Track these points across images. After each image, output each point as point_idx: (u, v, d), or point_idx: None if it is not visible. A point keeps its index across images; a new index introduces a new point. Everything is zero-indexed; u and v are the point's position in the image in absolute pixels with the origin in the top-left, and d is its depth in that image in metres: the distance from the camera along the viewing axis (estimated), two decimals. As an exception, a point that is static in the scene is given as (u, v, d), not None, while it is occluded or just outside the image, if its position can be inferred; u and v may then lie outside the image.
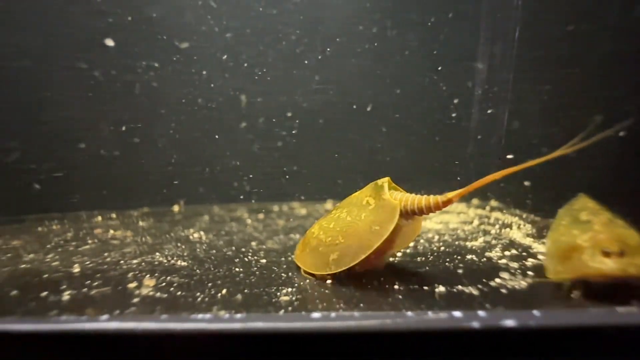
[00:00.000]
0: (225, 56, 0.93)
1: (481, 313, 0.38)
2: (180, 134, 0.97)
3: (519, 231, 0.68)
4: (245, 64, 0.92)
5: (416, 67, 0.97)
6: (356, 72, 0.98)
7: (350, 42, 0.96)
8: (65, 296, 0.45)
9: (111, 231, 0.78)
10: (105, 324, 0.39)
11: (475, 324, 0.37)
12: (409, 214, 0.48)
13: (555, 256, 0.44)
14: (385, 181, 0.51)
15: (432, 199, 0.47)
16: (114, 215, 0.94)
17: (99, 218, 0.91)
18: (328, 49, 0.94)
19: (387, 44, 0.96)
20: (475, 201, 0.99)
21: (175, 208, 1.04)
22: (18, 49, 0.87)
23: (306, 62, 0.95)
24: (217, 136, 0.97)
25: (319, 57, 0.93)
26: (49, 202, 0.92)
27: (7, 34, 0.85)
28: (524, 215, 0.81)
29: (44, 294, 0.46)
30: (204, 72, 0.94)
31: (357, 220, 0.50)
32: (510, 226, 0.72)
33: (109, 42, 0.85)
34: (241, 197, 1.00)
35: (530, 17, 0.89)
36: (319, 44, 0.95)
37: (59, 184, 0.92)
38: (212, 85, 0.93)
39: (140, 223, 0.87)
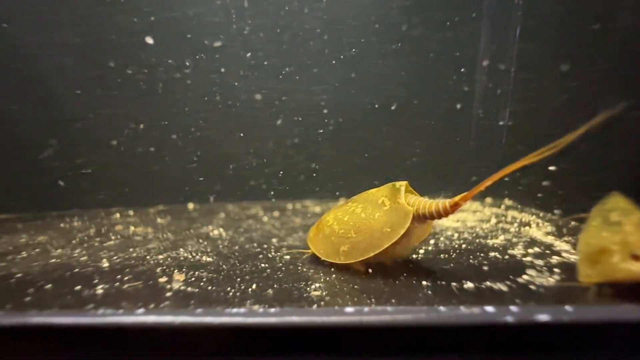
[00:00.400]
0: (248, 54, 0.94)
1: (514, 308, 0.39)
2: (200, 132, 0.98)
3: (539, 229, 0.69)
4: (266, 62, 0.93)
5: (435, 69, 0.97)
6: (375, 72, 0.98)
7: (370, 43, 0.96)
8: (99, 290, 0.46)
9: (132, 228, 0.79)
10: (143, 317, 0.39)
11: (509, 319, 0.37)
12: (421, 218, 0.50)
13: (585, 259, 0.44)
14: (403, 185, 0.53)
15: (442, 204, 0.48)
16: (131, 213, 0.95)
17: (117, 215, 0.92)
18: (353, 50, 0.94)
19: (407, 45, 0.96)
20: (489, 200, 1.00)
21: (190, 206, 1.05)
22: (57, 49, 0.88)
23: (333, 62, 0.95)
24: (241, 134, 0.97)
25: (341, 57, 0.93)
26: (68, 199, 0.93)
27: (48, 33, 0.86)
28: (541, 214, 0.81)
29: (78, 287, 0.47)
30: (224, 70, 0.95)
31: (370, 218, 0.52)
32: (528, 224, 0.73)
33: (149, 40, 0.86)
34: (272, 193, 1.00)
35: (531, 15, 0.89)
36: (339, 44, 0.95)
37: (80, 182, 0.93)
38: (236, 83, 0.94)
39: (159, 220, 0.87)
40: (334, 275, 0.51)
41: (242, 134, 0.96)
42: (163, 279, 0.50)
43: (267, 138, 1.01)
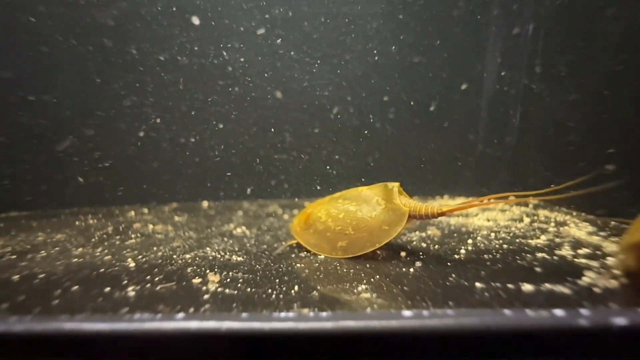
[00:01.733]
0: (276, 43, 0.90)
1: (585, 312, 0.36)
2: (221, 126, 0.95)
3: (579, 229, 0.66)
4: (292, 52, 0.89)
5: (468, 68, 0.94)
6: (405, 69, 0.94)
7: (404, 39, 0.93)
8: (130, 292, 0.43)
9: (150, 226, 0.75)
10: (185, 323, 0.36)
11: (583, 322, 0.35)
12: (410, 217, 0.56)
13: (629, 232, 0.45)
14: (395, 185, 0.57)
15: (431, 209, 0.54)
16: (146, 210, 0.92)
17: (132, 213, 0.89)
18: (375, 50, 0.91)
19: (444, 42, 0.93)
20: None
21: (205, 203, 1.02)
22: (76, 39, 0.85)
23: (376, 58, 0.92)
24: (254, 130, 0.94)
25: (378, 50, 0.90)
26: (81, 196, 0.90)
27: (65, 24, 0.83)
28: (574, 213, 0.78)
29: (107, 289, 0.44)
30: (243, 60, 0.91)
31: (367, 217, 0.56)
32: (566, 224, 0.70)
33: (195, 21, 0.83)
34: (290, 191, 0.97)
35: (544, 15, 0.86)
36: (369, 42, 0.92)
37: (97, 178, 0.89)
38: (266, 75, 0.90)
39: (176, 218, 0.84)
40: (377, 276, 0.48)
41: (272, 130, 0.93)
42: (197, 280, 0.47)
43: (287, 133, 0.98)
